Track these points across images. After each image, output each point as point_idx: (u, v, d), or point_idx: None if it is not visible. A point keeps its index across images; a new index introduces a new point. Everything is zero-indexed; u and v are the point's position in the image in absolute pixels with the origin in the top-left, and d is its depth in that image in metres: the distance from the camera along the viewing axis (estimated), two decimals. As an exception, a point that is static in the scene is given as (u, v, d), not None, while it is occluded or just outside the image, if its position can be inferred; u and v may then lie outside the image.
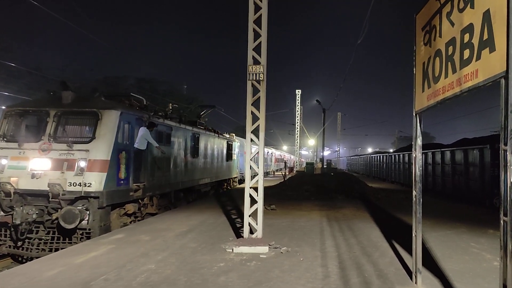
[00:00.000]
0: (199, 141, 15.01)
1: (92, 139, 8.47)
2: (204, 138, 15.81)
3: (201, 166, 15.30)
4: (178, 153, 12.71)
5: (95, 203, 8.12)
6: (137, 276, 5.14)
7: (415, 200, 4.81)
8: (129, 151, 9.35)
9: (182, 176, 13.09)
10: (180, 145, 12.88)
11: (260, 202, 7.10)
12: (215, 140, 17.58)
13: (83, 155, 8.26)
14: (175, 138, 12.38)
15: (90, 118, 8.83)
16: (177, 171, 12.63)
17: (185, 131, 13.47)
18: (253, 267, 5.65)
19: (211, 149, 16.95)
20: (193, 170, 14.35)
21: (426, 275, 5.21)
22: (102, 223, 8.33)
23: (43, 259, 6.12)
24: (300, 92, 45.27)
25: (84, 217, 7.92)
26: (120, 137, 8.96)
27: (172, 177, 12.20)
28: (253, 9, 7.20)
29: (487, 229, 8.82)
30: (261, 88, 7.15)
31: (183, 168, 13.19)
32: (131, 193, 9.39)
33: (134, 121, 9.75)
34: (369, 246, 7.03)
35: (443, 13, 4.01)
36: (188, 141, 13.73)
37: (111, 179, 8.43)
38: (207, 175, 16.35)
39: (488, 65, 3.02)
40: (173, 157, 12.27)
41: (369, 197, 16.02)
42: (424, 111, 4.64)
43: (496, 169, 13.14)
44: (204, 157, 15.76)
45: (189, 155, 13.82)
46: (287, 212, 11.39)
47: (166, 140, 11.72)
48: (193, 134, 14.33)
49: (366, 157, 44.02)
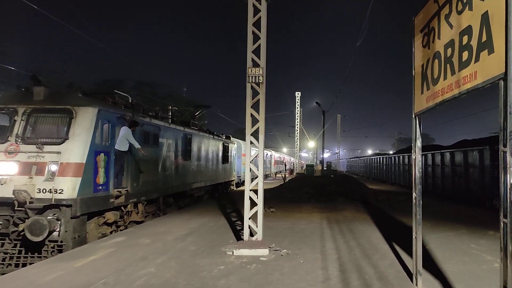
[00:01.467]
0: (192, 142, 14.17)
1: (65, 140, 7.55)
2: (198, 139, 14.97)
3: (194, 169, 14.41)
4: (167, 155, 11.82)
5: (67, 212, 7.26)
6: (137, 279, 5.12)
7: (415, 202, 4.80)
8: (109, 153, 8.47)
9: (172, 180, 12.23)
10: (170, 146, 12.03)
11: (260, 205, 7.10)
12: (209, 142, 16.70)
13: (54, 158, 7.39)
14: (164, 139, 11.54)
15: (63, 116, 7.87)
16: (167, 175, 11.79)
17: (175, 132, 12.60)
18: (253, 270, 5.63)
19: (205, 151, 16.07)
20: (185, 174, 13.46)
21: (427, 277, 5.20)
22: (76, 234, 7.44)
23: (41, 263, 6.10)
24: (300, 94, 45.32)
25: (54, 228, 7.07)
26: (98, 138, 8.08)
27: (161, 181, 11.36)
28: (252, 12, 7.22)
29: (487, 230, 8.81)
30: (260, 91, 7.16)
31: (173, 171, 12.31)
32: (111, 200, 8.47)
33: (115, 120, 8.84)
34: (369, 248, 7.01)
35: (442, 15, 4.02)
36: (179, 142, 12.86)
37: (86, 184, 7.58)
38: (201, 178, 15.44)
39: (487, 67, 3.02)
40: (162, 159, 11.41)
41: (369, 199, 16.00)
42: (423, 113, 4.64)
43: (496, 170, 13.14)
44: (198, 160, 14.91)
45: (180, 157, 12.96)
46: (287, 214, 11.38)
47: (154, 141, 10.87)
48: (184, 135, 13.45)
49: (366, 159, 44.04)
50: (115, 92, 10.10)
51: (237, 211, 11.51)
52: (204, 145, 15.75)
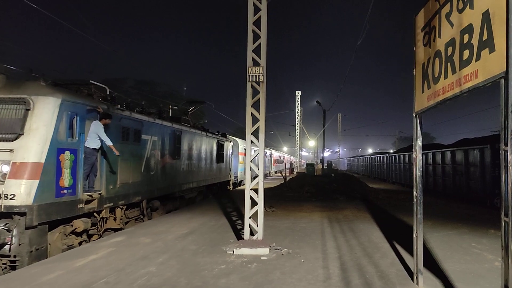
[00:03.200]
0: (182, 139, 12.97)
1: (19, 136, 6.52)
2: (188, 136, 13.76)
3: (184, 169, 13.24)
4: (152, 153, 10.65)
5: (21, 221, 6.24)
6: (138, 279, 5.12)
7: (416, 200, 4.80)
8: (76, 151, 7.38)
9: (158, 181, 11.09)
10: (155, 144, 10.89)
11: (260, 204, 7.10)
12: (202, 139, 15.51)
13: (5, 157, 6.40)
14: (148, 136, 10.38)
15: (18, 108, 6.74)
16: (151, 176, 10.65)
17: (162, 128, 11.39)
18: (254, 269, 5.63)
19: (198, 149, 14.91)
20: (173, 174, 12.30)
21: (428, 276, 5.20)
22: (34, 247, 6.41)
23: (42, 263, 6.10)
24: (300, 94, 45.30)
25: (5, 241, 6.12)
26: (62, 133, 6.99)
27: (144, 183, 10.18)
28: (253, 10, 7.20)
29: (488, 229, 8.81)
30: (260, 90, 7.15)
31: (159, 171, 11.16)
32: (80, 206, 7.38)
33: (85, 112, 7.69)
34: (370, 247, 7.01)
35: (442, 14, 4.01)
36: (166, 140, 11.71)
37: (46, 188, 6.53)
38: (193, 179, 14.27)
39: (488, 66, 3.02)
40: (145, 158, 10.25)
41: (370, 198, 16.01)
42: (424, 111, 4.63)
43: (497, 169, 13.13)
44: (189, 158, 13.74)
45: (168, 156, 11.83)
46: (288, 213, 11.38)
47: (135, 137, 9.69)
48: (173, 132, 12.25)
49: (367, 158, 44.02)
50: (91, 82, 8.84)
51: (237, 211, 11.51)
52: (196, 143, 14.66)
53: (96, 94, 8.67)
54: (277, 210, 11.91)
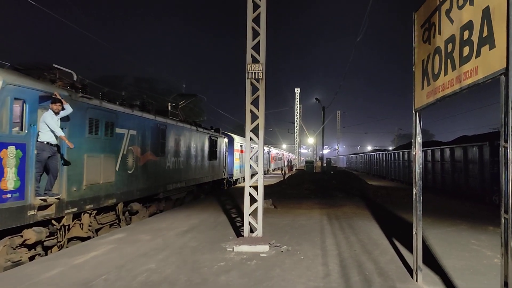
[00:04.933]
0: (167, 134, 11.73)
1: None
2: (175, 131, 12.49)
3: (170, 167, 11.99)
4: (129, 149, 9.30)
5: None
6: (137, 275, 5.13)
7: (415, 197, 4.81)
8: (24, 147, 6.15)
9: (138, 181, 9.78)
10: (134, 138, 9.57)
11: (260, 201, 7.10)
12: (192, 134, 14.24)
13: None
14: (124, 129, 9.05)
15: None
16: (129, 175, 9.33)
17: (142, 121, 10.09)
18: (253, 266, 5.64)
19: (186, 145, 13.62)
20: (157, 173, 11.01)
21: (427, 273, 5.21)
22: None
23: (42, 260, 6.11)
24: (299, 91, 45.30)
25: None
26: (5, 124, 5.76)
27: (120, 183, 8.85)
28: (252, 7, 7.18)
29: (487, 226, 8.84)
30: (260, 87, 7.14)
31: (139, 170, 9.88)
32: (30, 213, 6.15)
33: (37, 99, 6.43)
34: (369, 244, 7.03)
35: (442, 10, 4.00)
36: (148, 134, 10.44)
37: None
38: (180, 178, 12.98)
39: (488, 62, 3.01)
40: (121, 155, 8.92)
41: (369, 195, 16.04)
42: (423, 108, 4.63)
43: (496, 166, 13.16)
44: (175, 156, 12.46)
45: (150, 153, 10.55)
46: (287, 210, 11.39)
47: (107, 130, 8.34)
48: (156, 125, 10.98)
49: (366, 155, 44.06)
50: (54, 67, 7.57)
51: (237, 208, 11.53)
52: (184, 138, 13.38)
53: (62, 80, 7.51)
54: (277, 207, 11.93)
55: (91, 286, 4.72)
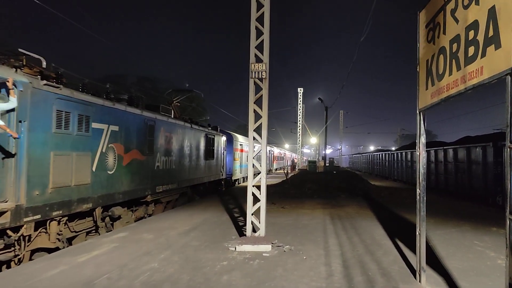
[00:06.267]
0: (156, 131, 10.68)
1: None
2: (166, 127, 11.40)
3: (159, 166, 10.88)
4: (110, 147, 8.25)
5: None
6: (140, 274, 5.14)
7: (419, 198, 4.79)
8: None
9: (120, 183, 8.67)
10: (116, 135, 8.49)
11: (263, 201, 7.10)
12: (185, 132, 13.16)
13: None
14: (103, 124, 8.01)
15: None
16: (110, 176, 8.24)
17: (126, 115, 9.02)
18: (256, 265, 5.64)
19: (179, 144, 12.54)
20: (144, 174, 9.92)
21: (430, 274, 5.19)
22: None
23: (45, 258, 6.13)
24: (302, 90, 45.22)
25: None
26: None
27: (98, 185, 7.75)
28: (256, 7, 7.18)
29: (490, 227, 8.78)
30: (263, 86, 7.13)
31: (122, 170, 8.77)
32: None
33: None
34: (372, 245, 7.01)
35: (447, 10, 3.98)
36: (133, 131, 9.36)
37: None
38: (172, 179, 11.85)
39: (494, 62, 2.99)
40: (99, 153, 7.83)
41: (372, 195, 16.01)
42: (428, 109, 4.61)
43: (499, 166, 13.09)
44: (165, 154, 11.38)
45: (135, 151, 9.45)
46: (290, 210, 11.39)
47: (80, 125, 7.26)
48: (143, 121, 9.94)
49: (369, 155, 43.95)
50: (20, 52, 6.75)
51: (239, 207, 11.54)
52: (176, 136, 12.30)
53: (29, 67, 6.62)
54: (279, 206, 11.94)
55: (94, 285, 4.73)
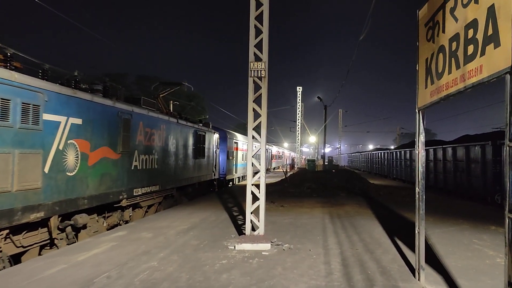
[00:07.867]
0: (132, 126, 9.38)
1: None
2: (145, 122, 10.08)
3: (137, 166, 9.61)
4: (70, 144, 6.97)
5: None
6: (139, 273, 5.14)
7: (418, 196, 4.79)
8: None
9: (85, 186, 7.44)
10: (78, 129, 7.25)
11: (262, 199, 7.10)
12: (170, 127, 11.86)
13: None
14: (59, 116, 6.73)
15: None
16: (71, 178, 7.01)
17: (92, 106, 7.75)
18: (255, 264, 5.64)
19: (162, 141, 11.27)
20: (117, 175, 8.65)
21: (429, 272, 5.20)
22: None
23: (44, 257, 6.12)
24: (301, 89, 45.21)
25: None
26: None
27: (52, 189, 6.51)
28: (255, 5, 7.17)
29: (489, 225, 8.80)
30: (262, 85, 7.13)
31: (88, 171, 7.55)
32: None
33: None
34: (371, 243, 7.02)
35: (447, 9, 3.98)
36: (104, 125, 8.16)
37: None
38: (154, 180, 10.59)
39: (493, 61, 2.99)
40: (54, 151, 6.57)
41: (371, 194, 16.02)
42: (427, 107, 4.61)
43: (498, 165, 13.11)
44: (145, 152, 10.09)
45: (105, 149, 8.17)
46: (289, 209, 11.39)
47: (26, 117, 5.94)
48: (116, 114, 8.64)
49: (368, 154, 43.98)
50: None
51: (238, 206, 11.54)
52: (159, 132, 11.01)
53: None
54: (278, 205, 11.94)
55: (93, 284, 4.73)
